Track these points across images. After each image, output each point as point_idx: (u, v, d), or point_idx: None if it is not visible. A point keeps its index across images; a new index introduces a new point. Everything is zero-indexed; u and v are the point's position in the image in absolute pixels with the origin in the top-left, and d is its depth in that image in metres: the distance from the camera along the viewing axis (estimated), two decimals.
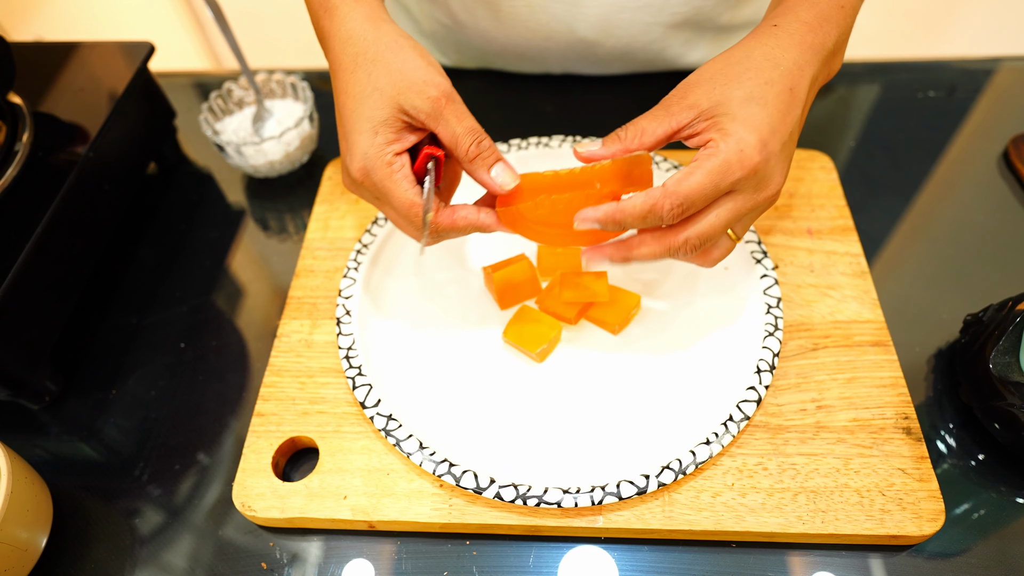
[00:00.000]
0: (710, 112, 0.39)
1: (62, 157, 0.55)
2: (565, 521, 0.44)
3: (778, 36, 0.41)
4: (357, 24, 0.42)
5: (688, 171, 0.39)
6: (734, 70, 0.40)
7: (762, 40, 0.41)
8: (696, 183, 0.38)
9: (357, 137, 0.41)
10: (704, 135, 0.40)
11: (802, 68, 0.41)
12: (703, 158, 0.39)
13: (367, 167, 0.41)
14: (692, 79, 0.41)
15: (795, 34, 0.41)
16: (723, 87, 0.40)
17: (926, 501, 0.43)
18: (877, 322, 0.51)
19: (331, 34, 0.43)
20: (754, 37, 0.42)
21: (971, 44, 1.69)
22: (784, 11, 0.43)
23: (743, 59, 0.41)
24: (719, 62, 0.41)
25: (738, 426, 0.45)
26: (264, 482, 0.47)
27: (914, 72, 0.73)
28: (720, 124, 0.39)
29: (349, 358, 0.50)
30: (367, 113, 0.41)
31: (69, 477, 0.50)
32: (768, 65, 0.40)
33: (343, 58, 0.42)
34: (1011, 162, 0.63)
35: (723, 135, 0.39)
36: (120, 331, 0.58)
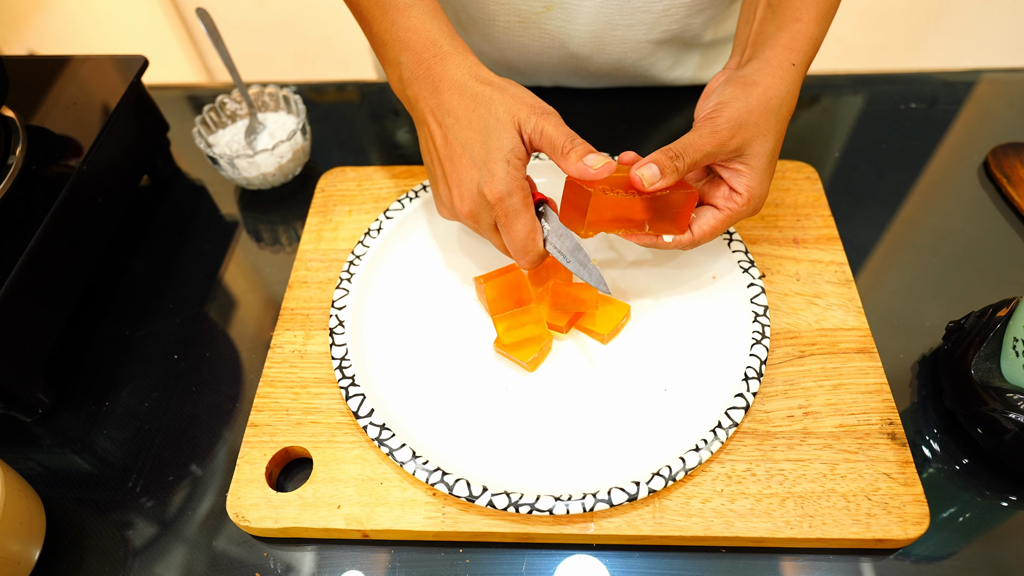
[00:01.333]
0: (747, 159, 0.46)
1: (55, 170, 0.56)
2: (557, 528, 0.44)
3: (795, 81, 0.47)
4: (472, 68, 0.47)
5: (715, 223, 0.48)
6: (770, 120, 0.46)
7: (788, 87, 0.47)
8: (717, 232, 0.48)
9: (494, 165, 0.45)
10: (732, 178, 0.47)
11: (794, 110, 0.49)
12: (727, 212, 0.47)
13: (505, 192, 0.45)
14: (743, 117, 0.45)
15: (800, 77, 0.48)
16: (763, 138, 0.46)
17: (911, 505, 0.44)
18: (862, 329, 0.52)
19: (443, 76, 0.47)
20: (781, 77, 0.47)
21: (953, 57, 1.72)
22: (799, 49, 0.48)
23: (777, 109, 0.46)
24: (762, 102, 0.46)
25: (727, 433, 0.46)
26: (258, 492, 0.47)
27: (896, 84, 0.74)
28: (750, 181, 0.47)
29: (342, 368, 0.51)
30: (496, 143, 0.45)
31: (62, 489, 0.51)
32: (786, 118, 0.47)
33: (462, 98, 0.47)
34: (991, 172, 0.64)
35: (749, 196, 0.47)
36: (113, 343, 0.58)
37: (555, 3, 0.63)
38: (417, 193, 0.61)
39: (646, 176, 0.44)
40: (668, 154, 0.44)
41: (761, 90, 0.46)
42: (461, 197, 0.48)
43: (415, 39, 0.48)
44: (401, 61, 0.49)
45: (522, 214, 0.46)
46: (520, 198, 0.46)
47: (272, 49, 1.81)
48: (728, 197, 0.47)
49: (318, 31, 1.78)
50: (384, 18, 0.49)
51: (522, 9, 0.64)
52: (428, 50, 0.48)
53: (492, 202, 0.46)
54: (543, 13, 0.64)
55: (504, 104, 0.46)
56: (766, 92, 0.46)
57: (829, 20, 0.50)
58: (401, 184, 0.64)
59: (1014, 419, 0.44)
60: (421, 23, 0.48)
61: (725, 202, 0.47)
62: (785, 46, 0.48)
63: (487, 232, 0.49)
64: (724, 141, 0.45)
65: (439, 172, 0.50)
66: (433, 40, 0.48)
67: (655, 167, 0.44)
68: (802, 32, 0.48)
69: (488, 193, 0.46)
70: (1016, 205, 0.61)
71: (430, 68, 0.48)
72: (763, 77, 0.46)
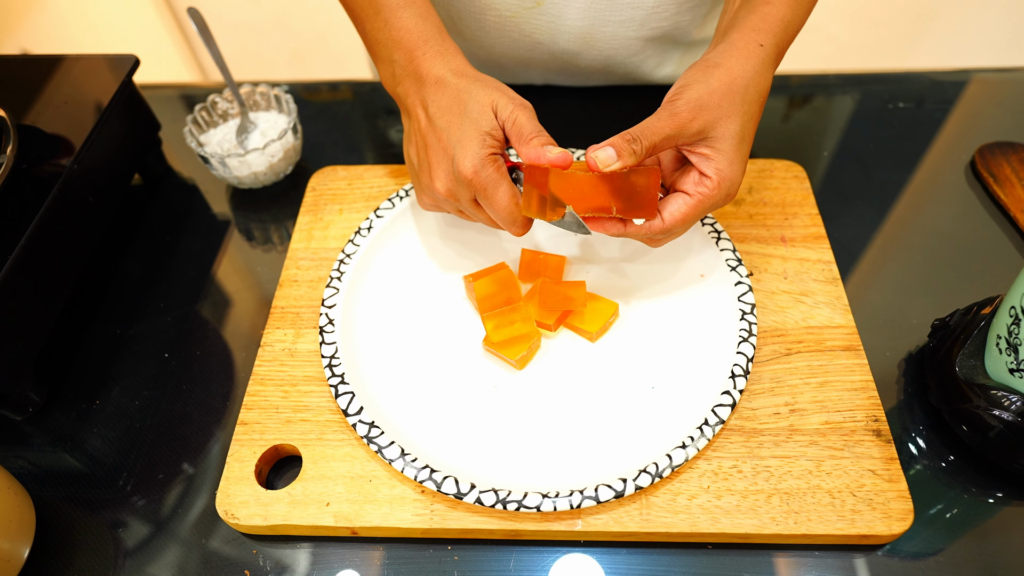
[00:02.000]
0: (712, 142, 0.45)
1: (46, 169, 0.56)
2: (545, 525, 0.45)
3: (764, 62, 0.46)
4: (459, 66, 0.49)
5: (686, 209, 0.46)
6: (736, 101, 0.45)
7: (755, 66, 0.46)
8: (689, 219, 0.47)
9: (468, 142, 0.46)
10: (700, 163, 0.46)
11: (767, 93, 0.47)
12: (698, 197, 0.46)
13: (479, 166, 0.46)
14: (703, 98, 0.45)
15: (773, 59, 0.47)
16: (728, 119, 0.45)
17: (895, 501, 0.45)
18: (848, 327, 0.53)
19: (430, 71, 0.49)
20: (747, 58, 0.46)
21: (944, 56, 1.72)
22: (767, 30, 0.47)
23: (743, 90, 0.45)
24: (725, 84, 0.45)
25: (713, 430, 0.46)
26: (247, 490, 0.47)
27: (885, 84, 0.75)
28: (719, 164, 0.45)
29: (332, 366, 0.51)
30: (472, 124, 0.47)
31: (52, 488, 0.51)
32: (756, 99, 0.46)
33: (445, 89, 0.48)
34: (978, 171, 0.65)
35: (719, 180, 0.45)
36: (104, 342, 0.59)
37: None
38: (408, 192, 0.61)
39: (600, 157, 0.44)
40: (626, 137, 0.44)
41: (723, 71, 0.45)
42: (439, 177, 0.49)
43: (407, 38, 0.50)
44: (394, 59, 0.51)
45: (499, 183, 0.47)
46: (494, 169, 0.47)
47: (267, 48, 1.81)
48: (698, 182, 0.46)
49: (313, 30, 1.79)
50: (377, 18, 0.51)
51: (512, 5, 0.64)
52: (419, 48, 0.50)
53: (468, 177, 0.47)
54: (533, 9, 0.64)
55: (484, 91, 0.47)
56: (729, 73, 0.45)
57: (806, 6, 0.49)
58: (392, 183, 0.65)
59: (998, 416, 0.45)
60: (413, 23, 0.50)
61: (695, 187, 0.46)
62: (753, 27, 0.47)
63: (469, 208, 0.50)
64: (684, 123, 0.44)
65: (420, 158, 0.51)
66: (424, 39, 0.50)
67: (611, 149, 0.44)
68: (772, 14, 0.48)
69: (463, 168, 0.47)
70: (1002, 204, 0.62)
71: (418, 65, 0.50)
72: (726, 59, 0.46)
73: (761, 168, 0.63)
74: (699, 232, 0.58)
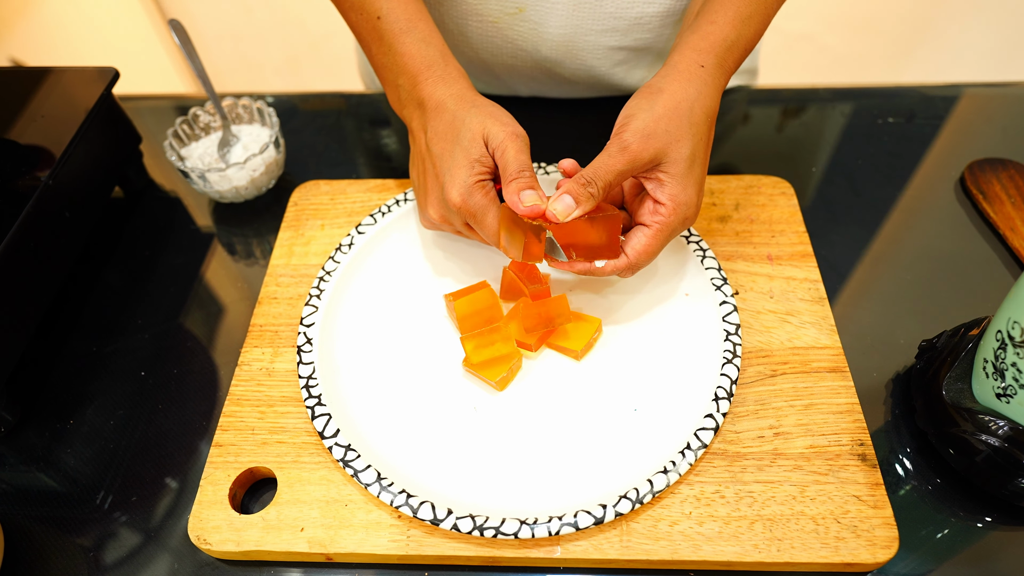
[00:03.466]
0: (664, 167, 0.46)
1: (21, 184, 0.55)
2: (523, 552, 0.44)
3: (707, 82, 0.47)
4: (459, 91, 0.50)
5: (647, 240, 0.47)
6: (683, 124, 0.45)
7: (698, 88, 0.46)
8: (651, 250, 0.47)
9: (457, 170, 0.47)
10: (654, 190, 0.47)
11: (716, 113, 0.48)
12: (656, 227, 0.47)
13: (466, 192, 0.47)
14: (648, 124, 0.45)
15: (717, 79, 0.48)
16: (677, 143, 0.45)
17: (880, 528, 0.44)
18: (834, 348, 0.52)
19: (431, 96, 0.50)
20: (688, 80, 0.46)
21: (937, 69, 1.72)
22: (707, 49, 0.47)
23: (688, 113, 0.46)
24: (669, 108, 0.45)
25: (695, 454, 0.45)
26: (220, 515, 0.46)
27: (875, 98, 0.74)
28: (672, 190, 0.46)
29: (309, 387, 0.50)
30: (463, 152, 0.47)
31: (23, 508, 0.50)
32: (704, 120, 0.47)
33: (443, 114, 0.49)
34: (967, 188, 0.64)
35: (675, 205, 0.46)
36: (80, 359, 0.58)
37: (527, 5, 0.63)
38: (390, 208, 0.60)
39: (559, 210, 0.45)
40: (580, 182, 0.45)
41: (667, 96, 0.45)
42: (433, 204, 0.51)
43: (410, 64, 0.51)
44: (399, 84, 0.52)
45: (488, 209, 0.47)
46: (481, 195, 0.47)
47: (258, 57, 1.81)
48: (653, 211, 0.47)
49: (305, 39, 1.78)
50: (382, 44, 0.52)
51: (494, 10, 0.64)
52: (422, 73, 0.51)
53: (457, 204, 0.48)
54: (515, 15, 0.64)
55: (478, 118, 0.48)
56: (672, 97, 0.45)
57: (753, 26, 0.49)
58: (375, 198, 0.64)
59: (985, 441, 0.44)
60: (416, 49, 0.51)
61: (651, 217, 0.47)
62: (693, 47, 0.48)
63: (466, 232, 0.52)
64: (635, 155, 0.44)
65: (419, 183, 0.53)
66: (428, 64, 0.51)
67: (568, 198, 0.45)
68: (714, 33, 0.48)
69: (450, 196, 0.48)
70: (991, 221, 0.61)
71: (420, 90, 0.51)
72: (668, 83, 0.46)
73: (748, 184, 0.63)
74: (684, 250, 0.57)
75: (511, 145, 0.46)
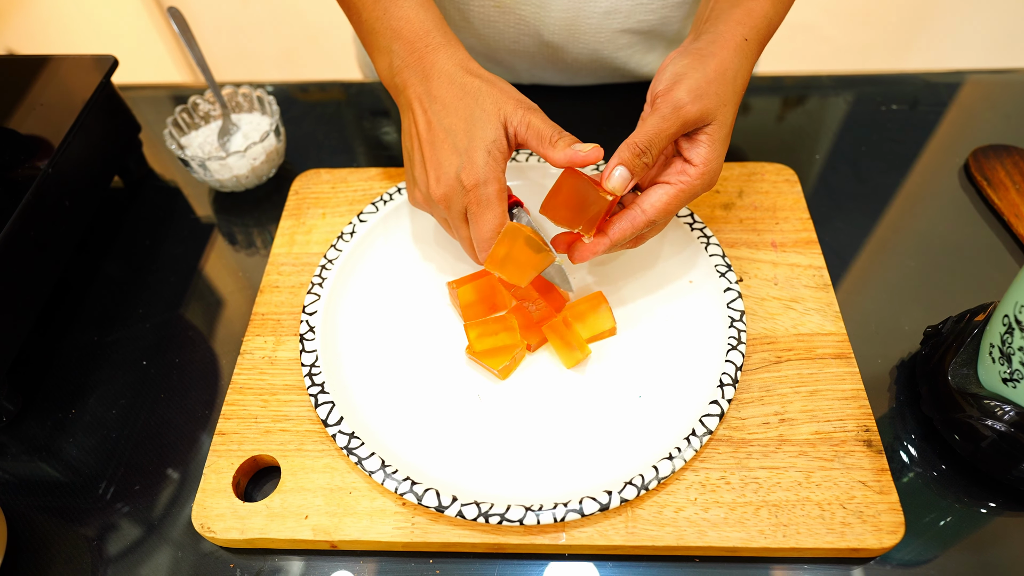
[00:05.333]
0: (709, 130, 0.45)
1: (20, 173, 0.55)
2: (528, 538, 0.44)
3: (748, 56, 0.47)
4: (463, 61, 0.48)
5: (668, 199, 0.45)
6: (727, 90, 0.45)
7: (741, 60, 0.46)
8: (671, 209, 0.46)
9: (475, 153, 0.46)
10: (689, 149, 0.46)
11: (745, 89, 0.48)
12: (681, 186, 0.45)
13: (481, 180, 0.46)
14: (702, 87, 0.44)
15: (754, 54, 0.47)
16: (724, 107, 0.45)
17: (886, 514, 0.44)
18: (839, 334, 0.52)
19: (434, 65, 0.48)
20: (735, 51, 0.46)
21: (940, 57, 1.72)
22: (752, 25, 0.47)
23: (734, 79, 0.46)
24: (719, 72, 0.45)
25: (701, 440, 0.45)
26: (224, 503, 0.46)
27: (879, 85, 0.74)
28: (706, 153, 0.45)
29: (312, 375, 0.50)
30: (480, 133, 0.46)
31: (26, 498, 0.49)
32: (741, 87, 0.46)
33: (451, 87, 0.47)
34: (972, 175, 0.64)
35: (705, 168, 0.45)
36: (81, 349, 0.57)
37: None
38: (392, 196, 0.60)
39: (616, 185, 0.44)
40: (634, 151, 0.44)
41: (717, 61, 0.45)
42: (438, 180, 0.48)
43: (407, 28, 0.49)
44: (392, 49, 0.50)
45: (494, 205, 0.47)
46: (495, 189, 0.46)
47: (256, 47, 1.80)
48: (681, 171, 0.45)
49: (303, 29, 1.77)
50: (376, 6, 0.50)
51: None
52: (420, 40, 0.48)
53: (468, 188, 0.46)
54: None
55: (491, 96, 0.47)
56: (722, 63, 0.45)
57: (788, 4, 0.49)
58: (376, 186, 0.63)
59: (991, 426, 0.44)
60: (414, 13, 0.49)
61: (677, 176, 0.45)
62: (738, 21, 0.47)
63: (456, 219, 0.49)
64: (688, 115, 0.44)
65: (418, 155, 0.50)
66: (426, 30, 0.49)
67: (622, 169, 0.44)
68: (756, 10, 0.48)
69: (465, 179, 0.46)
70: (996, 208, 0.61)
71: (421, 57, 0.48)
72: (718, 49, 0.46)
73: (752, 171, 0.62)
74: (688, 237, 0.57)
75: (534, 116, 0.46)
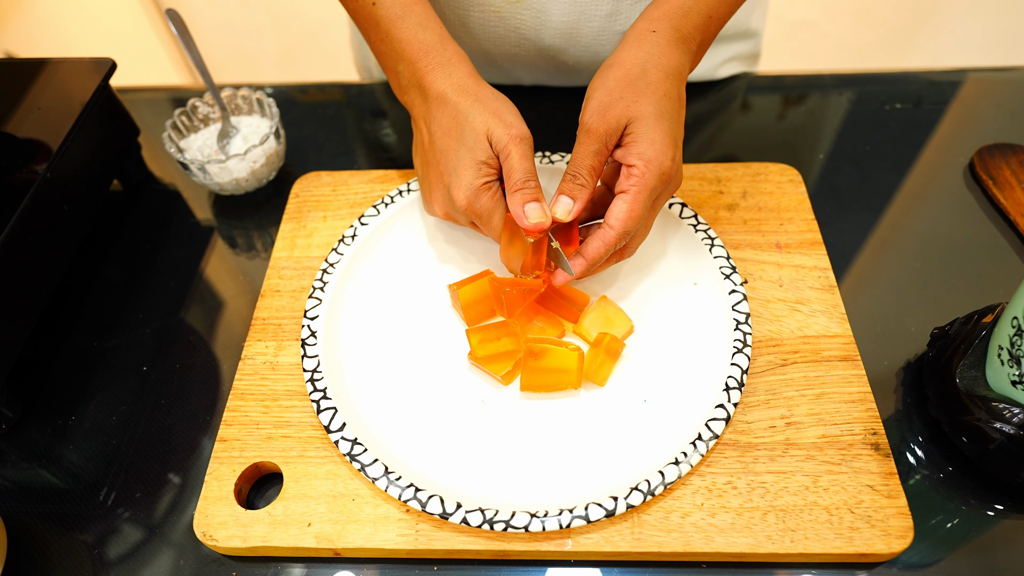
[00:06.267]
0: (630, 130, 0.46)
1: (19, 177, 0.54)
2: (534, 545, 0.43)
3: (660, 44, 0.47)
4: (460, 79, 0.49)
5: (627, 206, 0.45)
6: (638, 86, 0.46)
7: (649, 50, 0.47)
8: (635, 214, 0.46)
9: (463, 171, 0.47)
10: (627, 155, 0.46)
11: (683, 71, 0.48)
12: (633, 189, 0.45)
13: (472, 197, 0.47)
14: (603, 98, 0.46)
15: (672, 41, 0.47)
16: (636, 104, 0.45)
17: (895, 518, 0.43)
18: (845, 337, 0.51)
19: (432, 85, 0.49)
20: (638, 46, 0.47)
21: (942, 54, 1.71)
22: (660, 17, 0.48)
23: (642, 75, 0.46)
24: (620, 77, 0.46)
25: (707, 445, 0.45)
26: (226, 510, 0.46)
27: (881, 84, 0.73)
28: (639, 148, 0.45)
29: (314, 380, 0.49)
30: (468, 152, 0.47)
31: (26, 505, 0.49)
32: (663, 77, 0.46)
33: (446, 107, 0.48)
34: (977, 174, 0.63)
35: (644, 162, 0.45)
36: (81, 355, 0.57)
37: None
38: (393, 199, 0.60)
39: (561, 212, 0.46)
40: (566, 178, 0.46)
41: (617, 67, 0.46)
42: (438, 201, 0.52)
43: (408, 50, 0.50)
44: (398, 70, 0.52)
45: (494, 211, 0.48)
46: (488, 197, 0.48)
47: (255, 48, 1.79)
48: (627, 175, 0.46)
49: (302, 30, 1.76)
50: (378, 31, 0.52)
51: (495, 1, 0.63)
52: (420, 60, 0.50)
53: (463, 206, 0.48)
54: (517, 3, 0.63)
55: (481, 116, 0.47)
56: (622, 66, 0.46)
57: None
58: (377, 189, 0.63)
59: (999, 428, 0.44)
60: (413, 34, 0.50)
61: (626, 181, 0.46)
62: (645, 17, 0.48)
63: (471, 227, 0.52)
64: (599, 132, 0.45)
65: (423, 174, 0.53)
66: (425, 51, 0.50)
67: (565, 198, 0.46)
68: (668, 1, 0.48)
69: (457, 198, 0.48)
70: (1002, 207, 0.61)
71: (421, 78, 0.50)
72: (619, 54, 0.47)
73: (756, 172, 0.62)
74: (692, 239, 0.56)
75: (515, 150, 0.46)
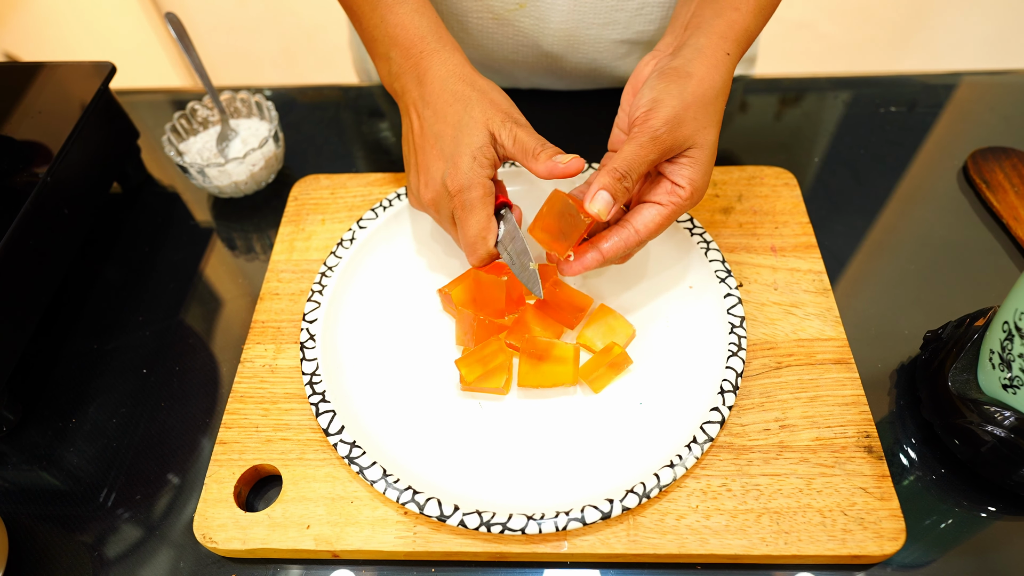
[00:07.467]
0: (691, 152, 0.45)
1: (19, 181, 0.54)
2: (530, 547, 0.44)
3: (730, 70, 0.47)
4: (457, 67, 0.49)
5: (660, 219, 0.46)
6: (709, 111, 0.45)
7: (724, 76, 0.46)
8: (662, 228, 0.47)
9: (460, 159, 0.47)
10: (674, 172, 0.46)
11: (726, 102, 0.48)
12: (672, 207, 0.46)
13: (465, 185, 0.47)
14: (678, 111, 0.44)
15: (733, 68, 0.47)
16: (704, 131, 0.45)
17: (887, 520, 0.44)
18: (839, 340, 0.52)
19: (428, 71, 0.49)
20: (716, 67, 0.46)
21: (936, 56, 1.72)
22: (732, 39, 0.47)
23: (715, 100, 0.46)
24: (698, 95, 0.45)
25: (702, 448, 0.45)
26: (226, 512, 0.46)
27: (876, 87, 0.74)
28: (692, 174, 0.45)
29: (312, 384, 0.50)
30: (467, 139, 0.47)
31: (27, 507, 0.49)
32: (722, 107, 0.47)
33: (442, 93, 0.48)
34: (971, 177, 0.64)
35: (693, 189, 0.45)
36: (81, 357, 0.57)
37: (527, 0, 0.62)
38: (391, 202, 0.60)
39: (600, 209, 0.44)
40: (614, 175, 0.44)
41: (696, 82, 0.45)
42: (426, 184, 0.50)
43: (403, 35, 0.50)
44: (391, 56, 0.51)
45: (478, 210, 0.47)
46: (479, 194, 0.47)
47: (254, 49, 1.79)
48: (671, 191, 0.46)
49: (300, 31, 1.77)
50: (373, 14, 0.51)
51: (494, 6, 0.63)
52: (416, 46, 0.49)
53: (452, 193, 0.47)
54: (516, 10, 0.63)
55: (481, 106, 0.47)
56: (701, 84, 0.45)
57: (766, 16, 0.49)
58: (375, 192, 0.63)
59: (991, 431, 0.44)
60: (409, 20, 0.50)
61: (667, 196, 0.46)
62: (721, 35, 0.47)
63: (446, 223, 0.50)
64: (666, 145, 0.44)
65: (412, 160, 0.52)
66: (421, 36, 0.50)
67: (605, 194, 0.44)
68: (739, 22, 0.47)
69: (450, 184, 0.47)
70: (995, 211, 0.61)
71: (417, 63, 0.49)
72: (697, 67, 0.45)
73: (751, 175, 0.62)
74: (688, 242, 0.57)
75: (521, 129, 0.47)
